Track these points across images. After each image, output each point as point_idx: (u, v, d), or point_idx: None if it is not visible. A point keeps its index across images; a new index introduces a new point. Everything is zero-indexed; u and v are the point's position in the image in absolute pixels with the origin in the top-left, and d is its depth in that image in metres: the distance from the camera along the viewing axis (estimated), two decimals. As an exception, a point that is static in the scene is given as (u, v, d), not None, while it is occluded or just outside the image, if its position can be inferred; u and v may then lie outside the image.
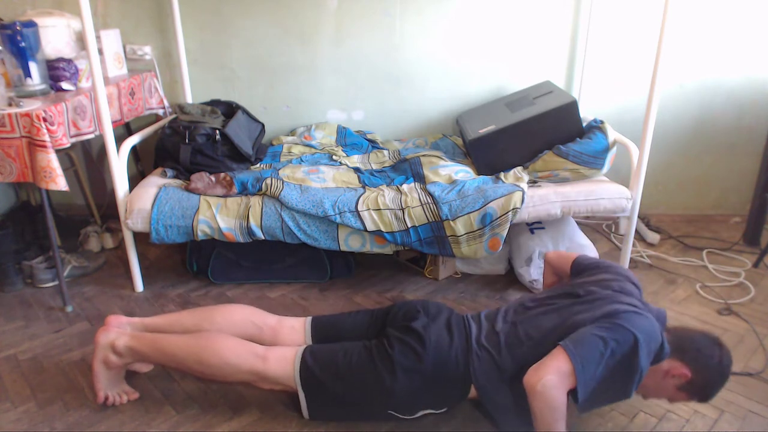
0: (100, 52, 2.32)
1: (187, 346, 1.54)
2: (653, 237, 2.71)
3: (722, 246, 2.69)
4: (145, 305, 2.16)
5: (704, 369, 1.42)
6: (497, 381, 1.45)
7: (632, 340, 1.33)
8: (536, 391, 1.29)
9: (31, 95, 2.07)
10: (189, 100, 2.78)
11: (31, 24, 2.06)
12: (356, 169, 2.39)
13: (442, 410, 1.52)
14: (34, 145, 1.85)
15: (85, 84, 2.26)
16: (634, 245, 2.58)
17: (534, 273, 2.23)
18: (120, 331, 1.62)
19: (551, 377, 1.28)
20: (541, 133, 2.23)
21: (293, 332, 1.65)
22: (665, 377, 1.44)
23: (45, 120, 1.84)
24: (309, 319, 1.69)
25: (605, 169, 2.22)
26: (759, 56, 2.76)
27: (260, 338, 1.62)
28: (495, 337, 1.50)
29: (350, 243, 2.10)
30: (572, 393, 1.33)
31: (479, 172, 2.31)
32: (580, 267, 1.69)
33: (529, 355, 1.41)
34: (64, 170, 1.93)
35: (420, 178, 2.28)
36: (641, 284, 1.61)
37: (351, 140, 2.76)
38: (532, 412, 1.32)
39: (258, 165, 2.44)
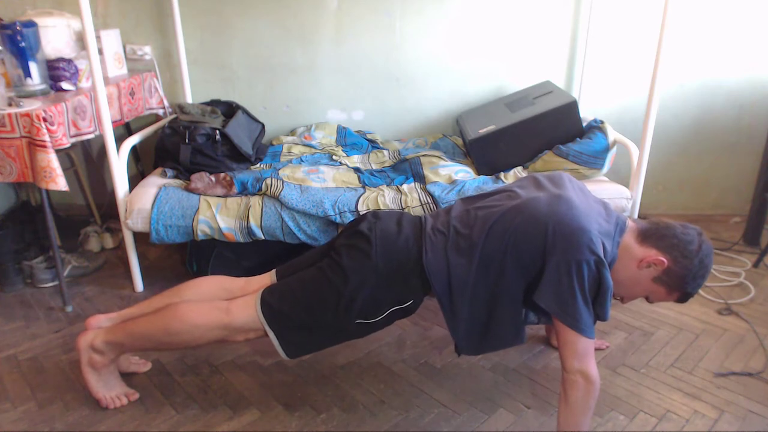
0: (100, 52, 2.33)
1: (154, 322, 1.53)
2: (653, 237, 2.71)
3: (722, 246, 2.69)
4: (145, 305, 2.16)
5: (682, 256, 1.37)
6: (447, 262, 1.44)
7: (597, 263, 1.31)
8: (578, 381, 1.32)
9: (31, 95, 2.07)
10: (189, 100, 2.78)
11: (31, 24, 2.06)
12: (356, 169, 2.39)
13: (408, 303, 1.49)
14: (34, 145, 1.85)
15: (85, 84, 2.26)
16: (634, 245, 2.58)
17: (534, 273, 2.23)
18: (96, 330, 1.61)
19: (577, 363, 1.32)
20: (541, 133, 2.23)
21: (260, 285, 1.64)
22: (639, 267, 1.40)
23: (45, 120, 1.84)
24: (274, 270, 1.68)
25: (605, 169, 2.22)
26: (759, 56, 2.76)
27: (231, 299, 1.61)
28: (449, 223, 1.51)
29: (350, 243, 2.10)
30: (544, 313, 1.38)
31: (479, 172, 2.31)
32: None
33: (479, 231, 1.42)
34: (64, 170, 1.93)
35: (420, 178, 2.28)
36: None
37: (351, 140, 2.76)
38: (575, 399, 1.34)
39: (258, 165, 2.44)
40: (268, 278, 1.66)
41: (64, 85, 2.18)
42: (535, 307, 1.45)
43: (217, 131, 2.29)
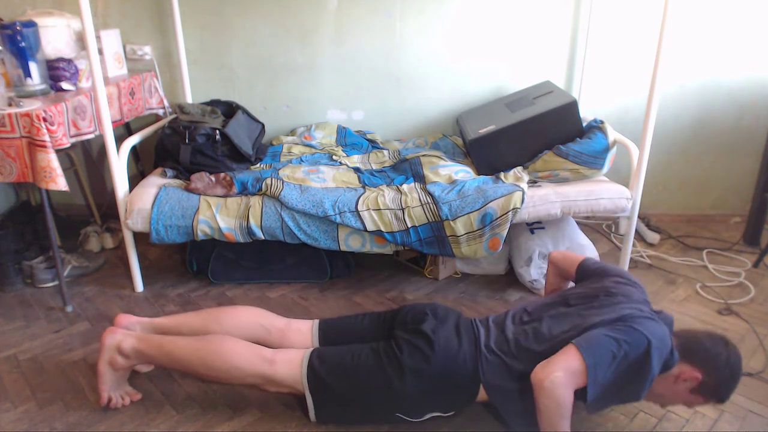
0: (100, 52, 2.33)
1: (194, 350, 1.53)
2: (653, 237, 2.71)
3: (722, 246, 2.69)
4: (145, 305, 2.16)
5: (714, 369, 1.42)
6: (507, 385, 1.45)
7: (645, 343, 1.34)
8: (544, 387, 1.29)
9: (31, 95, 2.07)
10: (189, 100, 2.78)
11: (31, 24, 2.06)
12: (356, 169, 2.39)
13: (450, 413, 1.52)
14: (34, 145, 1.85)
15: (85, 84, 2.26)
16: (634, 245, 2.58)
17: (534, 273, 2.23)
18: (126, 332, 1.61)
19: (560, 374, 1.29)
20: (541, 133, 2.23)
21: (300, 335, 1.65)
22: (677, 382, 1.44)
23: (45, 120, 1.84)
24: (317, 321, 1.69)
25: (605, 169, 2.22)
26: (759, 56, 2.76)
27: (268, 340, 1.62)
28: (505, 343, 1.50)
29: (350, 243, 2.10)
30: (580, 392, 1.33)
31: (479, 172, 2.31)
32: (587, 271, 1.68)
33: (538, 359, 1.40)
34: (64, 170, 1.93)
35: (420, 178, 2.28)
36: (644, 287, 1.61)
37: (351, 140, 2.76)
38: (537, 408, 1.33)
39: (258, 165, 2.44)
40: (309, 329, 1.66)
41: (64, 85, 2.18)
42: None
43: (217, 131, 2.29)
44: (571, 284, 1.80)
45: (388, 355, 1.48)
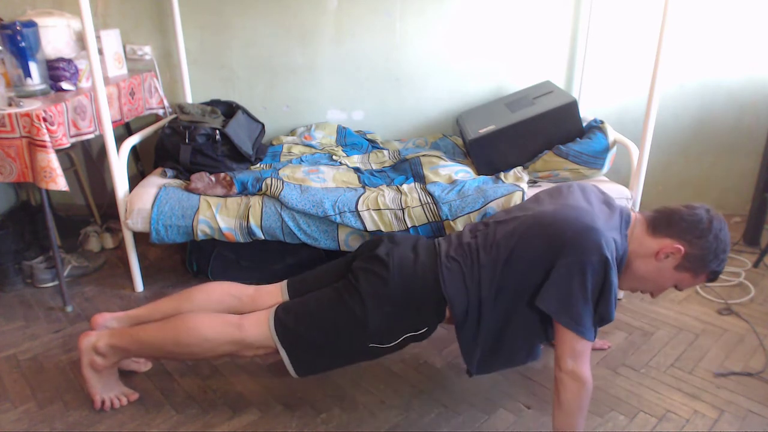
0: (100, 52, 2.33)
1: (164, 332, 1.53)
2: (653, 237, 2.71)
3: (722, 246, 2.69)
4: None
5: (696, 237, 1.36)
6: (466, 290, 1.44)
7: (602, 263, 1.30)
8: (567, 381, 1.33)
9: (31, 95, 2.07)
10: (189, 100, 2.78)
11: (31, 24, 2.06)
12: (356, 169, 2.39)
13: (423, 331, 1.50)
14: (34, 145, 1.85)
15: (85, 84, 2.26)
16: (634, 245, 2.58)
17: (534, 273, 2.23)
18: (99, 332, 1.60)
19: (571, 363, 1.32)
20: (541, 133, 2.23)
21: (271, 297, 1.64)
22: (659, 260, 1.40)
23: (45, 120, 1.84)
24: (285, 281, 1.68)
25: (605, 169, 2.22)
26: (759, 56, 2.76)
27: (240, 309, 1.62)
28: (462, 248, 1.51)
29: (350, 243, 2.10)
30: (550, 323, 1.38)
31: (479, 172, 2.31)
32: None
33: (489, 260, 1.43)
34: (64, 170, 1.93)
35: (420, 178, 2.28)
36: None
37: (351, 140, 2.76)
38: (567, 399, 1.34)
39: (258, 165, 2.44)
40: (279, 289, 1.66)
41: (64, 85, 2.18)
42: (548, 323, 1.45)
43: (217, 131, 2.29)
44: None
45: (347, 288, 1.48)
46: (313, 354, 1.51)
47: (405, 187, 2.19)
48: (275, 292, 1.66)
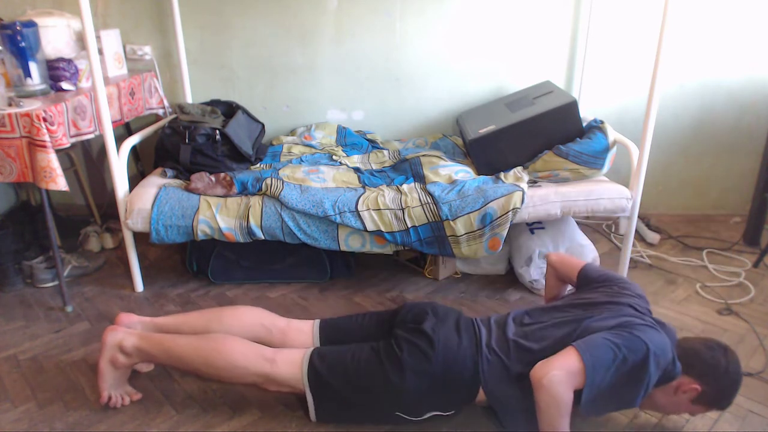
0: (100, 52, 2.33)
1: (196, 349, 1.53)
2: (653, 237, 2.71)
3: (722, 246, 2.69)
4: (145, 305, 2.16)
5: (713, 380, 1.42)
6: (507, 385, 1.45)
7: (644, 350, 1.34)
8: (542, 384, 1.29)
9: (31, 95, 2.07)
10: (189, 100, 2.78)
11: (31, 24, 2.06)
12: (356, 169, 2.39)
13: (450, 412, 1.52)
14: (34, 145, 1.85)
15: (85, 84, 2.26)
16: (634, 245, 2.58)
17: (534, 273, 2.23)
18: (128, 330, 1.61)
19: (558, 372, 1.29)
20: (541, 133, 2.23)
21: (301, 334, 1.65)
22: (677, 394, 1.44)
23: (45, 120, 1.84)
24: (317, 321, 1.69)
25: (605, 169, 2.22)
26: (759, 56, 2.76)
27: (269, 340, 1.63)
28: (505, 343, 1.50)
29: (350, 243, 2.10)
30: (577, 394, 1.33)
31: (479, 172, 2.31)
32: (589, 277, 1.68)
33: (537, 360, 1.40)
34: (64, 170, 1.93)
35: (420, 178, 2.28)
36: (643, 292, 1.61)
37: (351, 140, 2.76)
38: (536, 407, 1.33)
39: (258, 165, 2.44)
40: (310, 328, 1.67)
41: (64, 85, 2.18)
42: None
43: (217, 131, 2.29)
44: (570, 288, 1.80)
45: (389, 354, 1.48)
46: (338, 406, 1.52)
47: (405, 187, 2.19)
48: (306, 331, 1.66)
